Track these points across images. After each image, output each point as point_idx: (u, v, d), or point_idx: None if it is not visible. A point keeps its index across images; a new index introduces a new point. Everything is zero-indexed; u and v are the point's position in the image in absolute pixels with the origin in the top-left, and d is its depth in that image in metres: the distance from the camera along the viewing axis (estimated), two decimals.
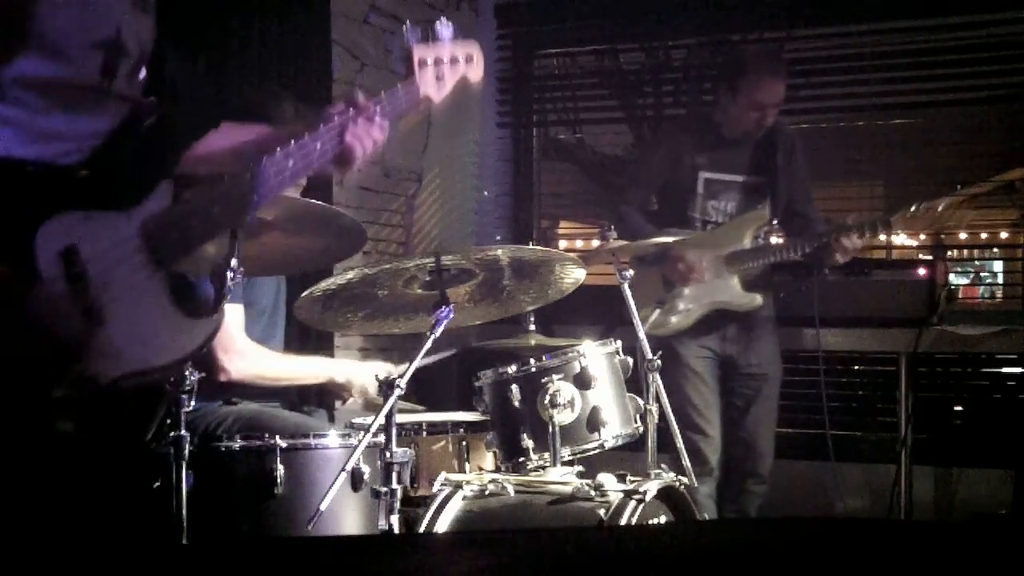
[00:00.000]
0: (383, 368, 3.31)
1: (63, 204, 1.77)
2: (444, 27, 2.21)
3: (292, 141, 2.00)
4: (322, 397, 3.47)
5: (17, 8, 1.78)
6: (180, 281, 1.91)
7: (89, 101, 1.85)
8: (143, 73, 1.97)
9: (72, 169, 1.81)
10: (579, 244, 5.93)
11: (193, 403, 2.32)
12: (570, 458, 2.99)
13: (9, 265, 1.71)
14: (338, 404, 3.45)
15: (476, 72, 2.30)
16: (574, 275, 2.94)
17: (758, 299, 4.03)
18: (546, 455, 2.95)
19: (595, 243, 5.54)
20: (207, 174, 2.03)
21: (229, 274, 2.11)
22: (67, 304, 1.74)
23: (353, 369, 3.32)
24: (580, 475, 2.91)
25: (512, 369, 3.02)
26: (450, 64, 2.22)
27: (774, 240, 4.19)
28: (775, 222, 4.16)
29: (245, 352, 3.11)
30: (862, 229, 3.82)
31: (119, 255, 1.82)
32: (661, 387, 3.14)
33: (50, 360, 1.73)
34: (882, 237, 4.04)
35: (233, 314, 3.09)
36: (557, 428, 2.92)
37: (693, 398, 3.99)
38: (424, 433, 3.23)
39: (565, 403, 2.94)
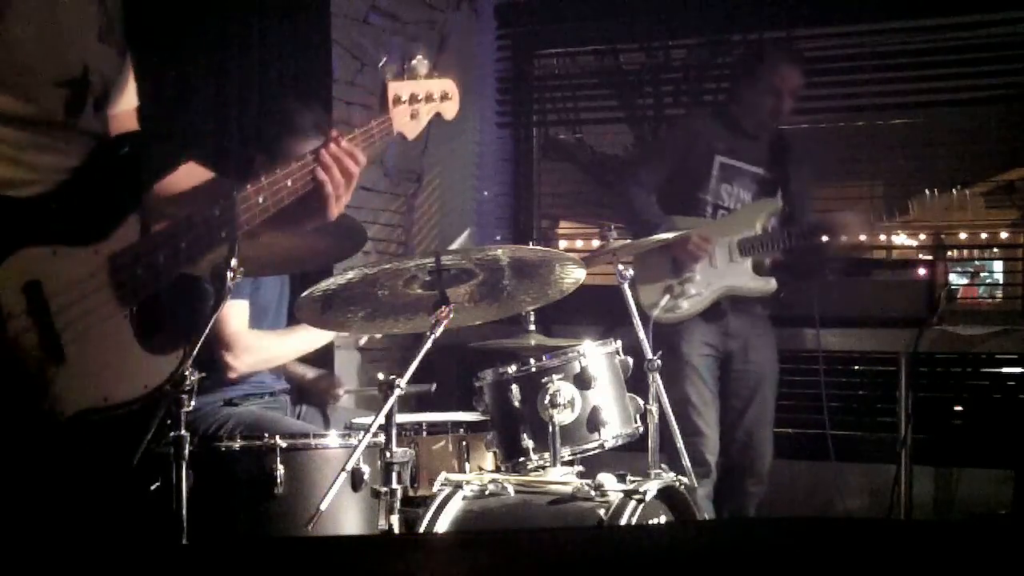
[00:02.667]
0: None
1: (27, 239, 1.75)
2: (421, 64, 2.20)
3: (262, 177, 1.97)
4: (315, 397, 3.49)
5: None
6: (145, 317, 1.89)
7: (54, 138, 1.82)
8: (112, 105, 1.94)
9: (37, 203, 1.78)
10: (579, 244, 5.94)
11: (193, 403, 2.32)
12: (570, 458, 2.99)
13: None
14: (331, 403, 3.46)
15: (451, 110, 2.30)
16: (574, 275, 2.94)
17: (772, 283, 4.05)
18: (546, 455, 2.95)
19: (595, 243, 5.54)
20: (172, 212, 1.98)
21: (229, 274, 2.11)
22: (29, 340, 1.73)
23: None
24: (580, 475, 2.91)
25: (512, 369, 3.02)
26: (425, 101, 2.22)
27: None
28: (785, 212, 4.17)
29: (251, 347, 3.14)
30: (884, 208, 3.86)
31: (84, 290, 1.79)
32: (661, 387, 3.14)
33: (11, 396, 1.72)
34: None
35: (238, 310, 3.11)
36: (557, 428, 2.92)
37: (692, 397, 3.99)
38: (424, 433, 3.23)
39: (565, 403, 2.94)
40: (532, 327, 3.32)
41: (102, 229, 1.84)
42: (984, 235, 5.40)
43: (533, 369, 3.00)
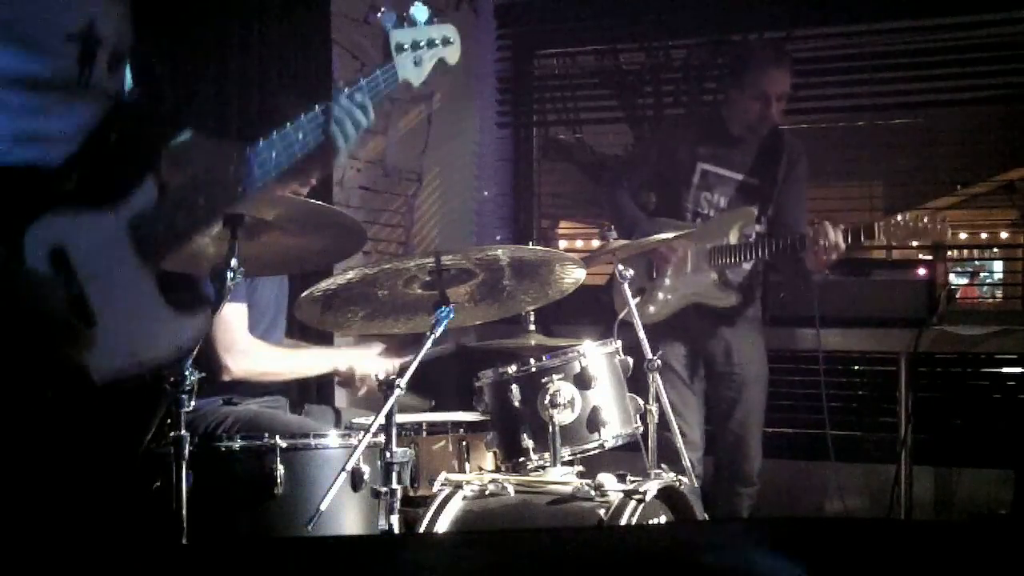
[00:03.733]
0: (381, 348, 3.33)
1: (49, 205, 1.77)
2: (419, 11, 2.20)
3: (273, 132, 1.99)
4: (325, 393, 3.48)
5: None
6: (170, 277, 1.91)
7: (69, 96, 1.84)
8: (124, 66, 1.95)
9: (56, 169, 1.80)
10: (579, 244, 5.94)
11: (193, 403, 2.32)
12: (570, 458, 2.99)
13: None
14: (348, 394, 3.44)
15: (453, 54, 2.28)
16: (574, 275, 2.94)
17: (733, 298, 4.00)
18: (546, 455, 2.95)
19: (595, 243, 5.55)
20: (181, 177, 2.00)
21: (229, 274, 2.11)
22: (58, 305, 1.74)
23: (355, 356, 3.34)
24: (580, 475, 2.91)
25: (512, 369, 3.02)
26: (427, 47, 2.22)
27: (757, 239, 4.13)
28: (761, 224, 4.10)
29: (248, 351, 3.12)
30: (850, 230, 3.77)
31: (108, 253, 1.81)
32: (661, 387, 3.14)
33: (44, 361, 1.73)
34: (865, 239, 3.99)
35: (236, 313, 3.10)
36: (557, 428, 2.92)
37: (671, 397, 3.97)
38: (424, 433, 3.23)
39: (565, 403, 2.94)
40: (532, 327, 3.32)
41: (121, 191, 1.86)
42: (984, 235, 5.40)
43: (533, 369, 3.00)
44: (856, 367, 4.93)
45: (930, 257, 4.91)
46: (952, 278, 4.86)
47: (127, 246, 1.85)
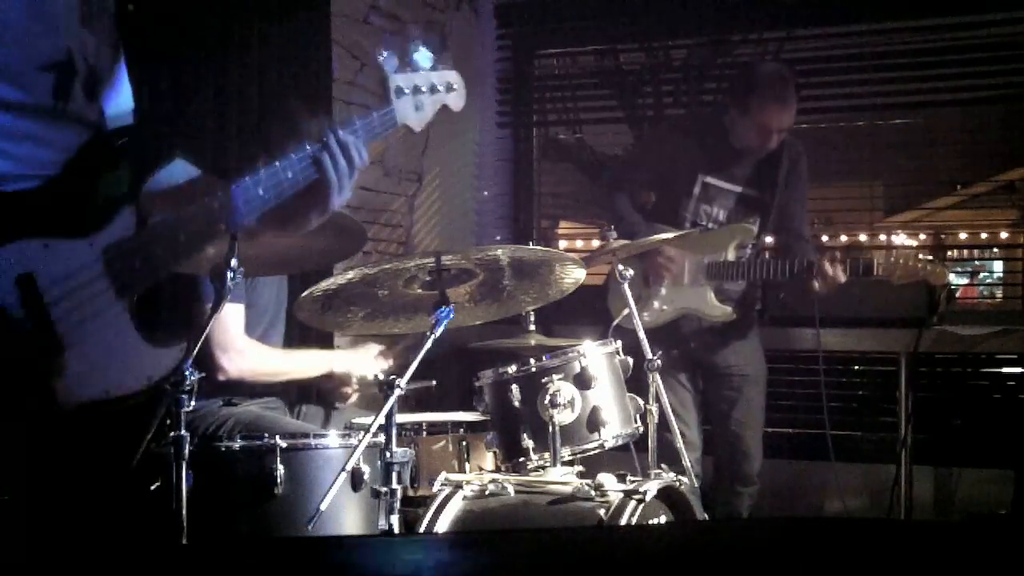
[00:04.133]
0: (378, 350, 3.33)
1: (19, 232, 1.75)
2: (423, 56, 2.18)
3: (261, 169, 1.96)
4: (321, 396, 3.48)
5: None
6: (144, 308, 1.89)
7: (46, 124, 1.83)
8: (104, 92, 1.94)
9: (28, 196, 1.79)
10: (579, 244, 5.94)
11: (193, 403, 2.32)
12: (570, 458, 2.99)
13: None
14: (338, 404, 3.45)
15: (457, 101, 2.24)
16: (574, 275, 2.94)
17: (728, 311, 3.99)
18: (546, 455, 2.95)
19: (595, 243, 5.55)
20: (162, 207, 1.98)
21: (229, 274, 2.11)
22: (25, 331, 1.73)
23: (351, 359, 3.34)
24: (580, 475, 2.91)
25: (512, 369, 3.02)
26: (429, 93, 2.20)
27: (756, 257, 4.11)
28: (759, 239, 4.10)
29: (244, 351, 3.12)
30: (848, 265, 3.79)
31: (79, 282, 1.80)
32: (661, 387, 3.14)
33: (11, 387, 1.72)
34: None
35: (234, 313, 3.10)
36: (557, 428, 2.92)
37: (668, 399, 3.97)
38: (424, 433, 3.23)
39: (565, 403, 2.94)
40: (532, 327, 3.32)
41: (96, 221, 1.84)
42: (984, 235, 5.41)
43: (533, 369, 3.00)
44: (856, 367, 4.93)
45: (930, 257, 4.90)
46: (952, 278, 4.85)
47: (101, 276, 1.83)
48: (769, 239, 4.20)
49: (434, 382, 3.45)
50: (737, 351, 4.07)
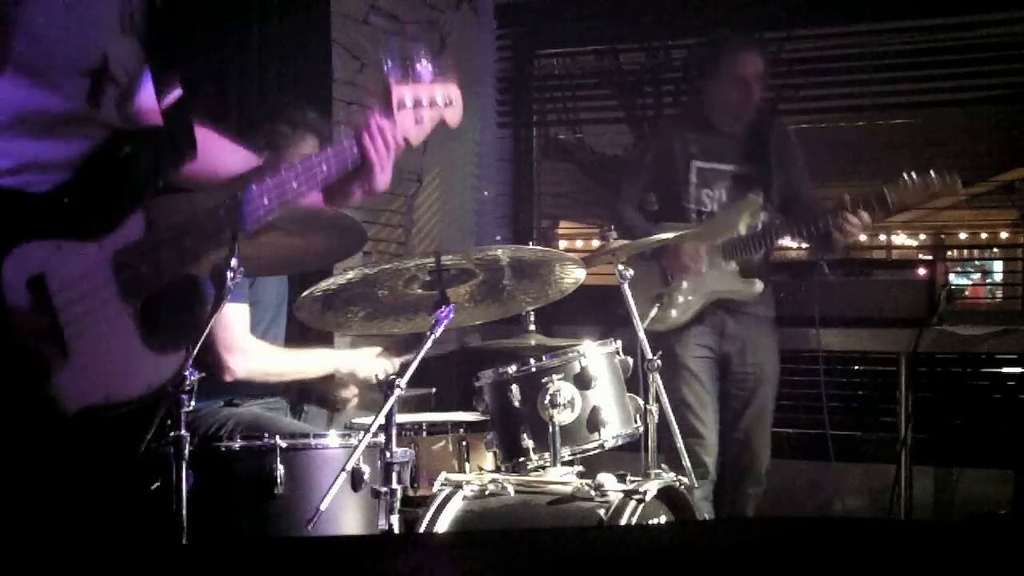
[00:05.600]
0: (379, 351, 3.33)
1: (33, 232, 1.75)
2: (424, 68, 2.21)
3: (267, 178, 2.00)
4: (323, 398, 3.48)
5: None
6: (149, 314, 1.89)
7: (73, 127, 1.83)
8: (133, 100, 1.94)
9: (45, 197, 1.79)
10: (579, 244, 5.93)
11: (194, 403, 2.32)
12: (570, 458, 2.99)
13: None
14: (338, 407, 3.45)
15: (454, 116, 2.30)
16: (574, 275, 2.94)
17: (758, 285, 4.01)
18: (546, 455, 2.95)
19: (595, 243, 5.54)
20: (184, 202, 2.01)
21: (229, 274, 2.11)
22: (33, 333, 1.73)
23: (355, 358, 3.34)
24: (580, 475, 2.91)
25: (512, 369, 3.02)
26: (429, 107, 2.22)
27: (771, 224, 4.12)
28: (769, 208, 4.12)
29: (249, 351, 3.12)
30: (861, 204, 3.80)
31: (88, 286, 1.80)
32: (661, 387, 3.14)
33: (15, 388, 1.72)
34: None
35: (238, 313, 3.10)
36: (557, 428, 2.92)
37: (689, 399, 3.98)
38: (424, 433, 3.23)
39: (565, 403, 2.94)
40: (532, 327, 3.32)
41: (107, 224, 1.85)
42: (984, 235, 5.40)
43: (533, 369, 3.00)
44: (856, 367, 4.92)
45: (930, 257, 4.91)
46: (952, 278, 4.85)
47: (109, 281, 1.83)
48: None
49: (433, 389, 3.46)
50: (756, 350, 4.08)
